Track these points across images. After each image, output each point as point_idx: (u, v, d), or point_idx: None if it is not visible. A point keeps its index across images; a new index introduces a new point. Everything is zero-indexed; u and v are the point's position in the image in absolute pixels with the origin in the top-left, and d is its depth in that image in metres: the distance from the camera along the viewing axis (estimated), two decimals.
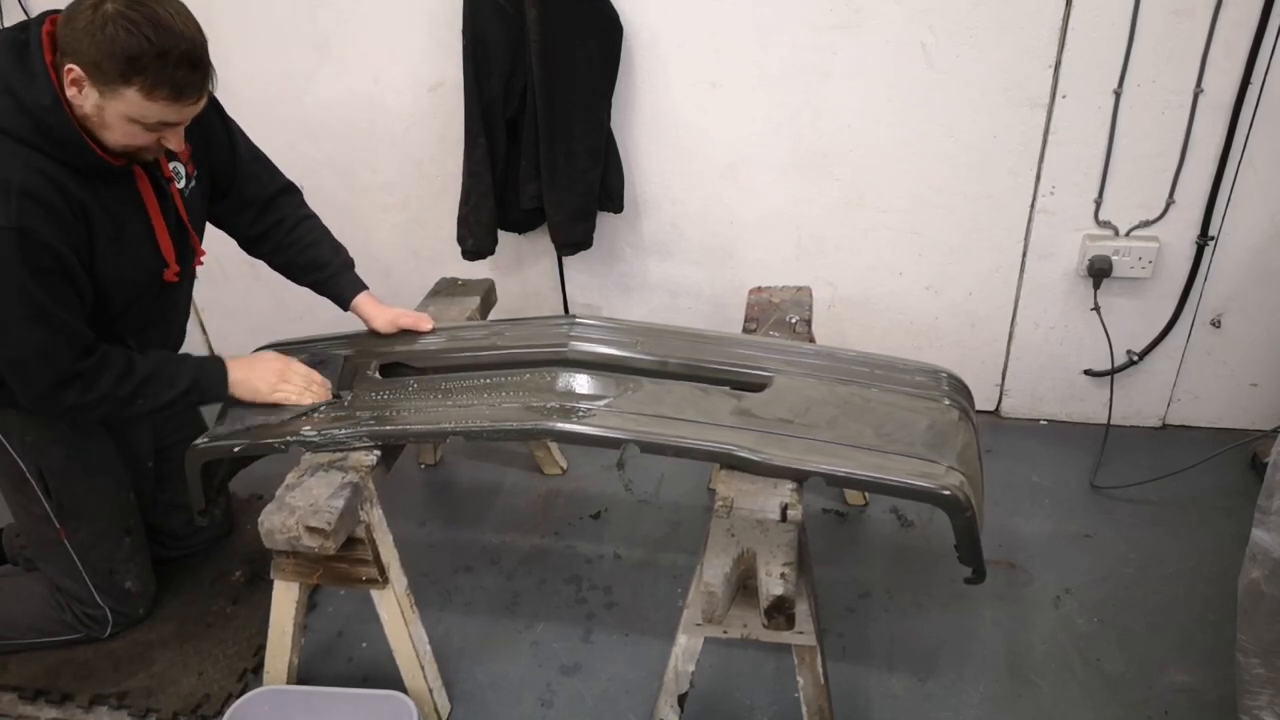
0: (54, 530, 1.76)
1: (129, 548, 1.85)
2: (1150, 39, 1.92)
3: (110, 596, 1.84)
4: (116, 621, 1.87)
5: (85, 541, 1.78)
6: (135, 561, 1.86)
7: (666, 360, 1.74)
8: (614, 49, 2.09)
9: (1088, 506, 2.15)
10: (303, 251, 1.85)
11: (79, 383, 1.53)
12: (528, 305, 2.55)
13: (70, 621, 1.84)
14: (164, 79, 1.36)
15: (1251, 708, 1.43)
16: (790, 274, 2.30)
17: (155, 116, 1.41)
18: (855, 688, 1.74)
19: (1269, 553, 1.33)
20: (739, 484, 1.48)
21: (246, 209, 1.81)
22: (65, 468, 1.73)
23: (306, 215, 1.87)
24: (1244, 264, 2.13)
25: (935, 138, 2.11)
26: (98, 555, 1.80)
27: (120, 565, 1.84)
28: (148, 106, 1.39)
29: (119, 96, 1.38)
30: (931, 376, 1.72)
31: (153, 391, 1.60)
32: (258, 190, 1.81)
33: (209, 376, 1.66)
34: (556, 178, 2.16)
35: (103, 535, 1.80)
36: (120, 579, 1.85)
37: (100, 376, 1.55)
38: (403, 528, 1.95)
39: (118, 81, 1.36)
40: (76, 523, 1.77)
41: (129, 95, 1.37)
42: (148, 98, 1.37)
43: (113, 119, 1.41)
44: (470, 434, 1.59)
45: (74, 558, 1.78)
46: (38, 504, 1.74)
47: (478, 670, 1.83)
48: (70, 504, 1.75)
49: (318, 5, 2.22)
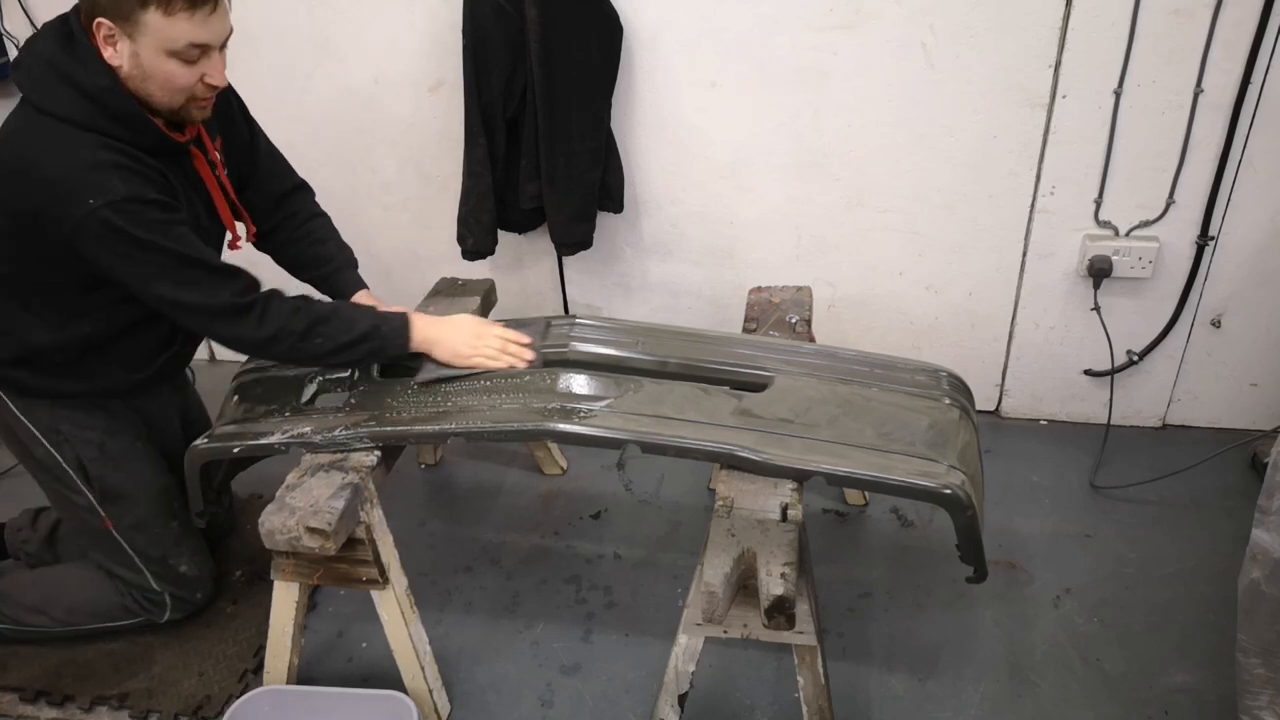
0: (99, 519, 1.76)
1: (177, 531, 1.83)
2: (1150, 39, 1.92)
3: (167, 581, 1.84)
4: (175, 606, 1.86)
5: (132, 527, 1.78)
6: (186, 545, 1.85)
7: (667, 360, 1.74)
8: (614, 49, 2.09)
9: (1088, 506, 2.16)
10: (309, 247, 1.87)
11: (249, 314, 1.56)
12: (528, 305, 2.55)
13: (131, 606, 1.85)
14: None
15: (1251, 708, 1.43)
16: (790, 274, 2.30)
17: (183, 37, 1.42)
18: (855, 688, 1.74)
19: (1269, 553, 1.33)
20: (739, 484, 1.48)
21: (261, 203, 1.83)
22: (102, 455, 1.73)
23: (318, 213, 1.90)
24: (1244, 264, 2.13)
25: (935, 138, 2.11)
26: (146, 540, 1.80)
27: (172, 549, 1.83)
28: (171, 25, 1.41)
29: (143, 29, 1.41)
30: (932, 376, 1.72)
31: (330, 332, 1.61)
32: (274, 186, 1.84)
33: (390, 325, 1.67)
34: (556, 178, 2.16)
35: (149, 520, 1.80)
36: (175, 563, 1.84)
37: (269, 308, 1.58)
38: (403, 528, 1.95)
39: (135, 9, 1.39)
40: (120, 509, 1.77)
41: (150, 21, 1.40)
42: (166, 13, 1.39)
43: (148, 60, 1.44)
44: (471, 435, 1.59)
45: (123, 545, 1.78)
46: (80, 494, 1.74)
47: (478, 670, 1.83)
48: (112, 490, 1.75)
49: (317, 4, 2.23)
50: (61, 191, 1.43)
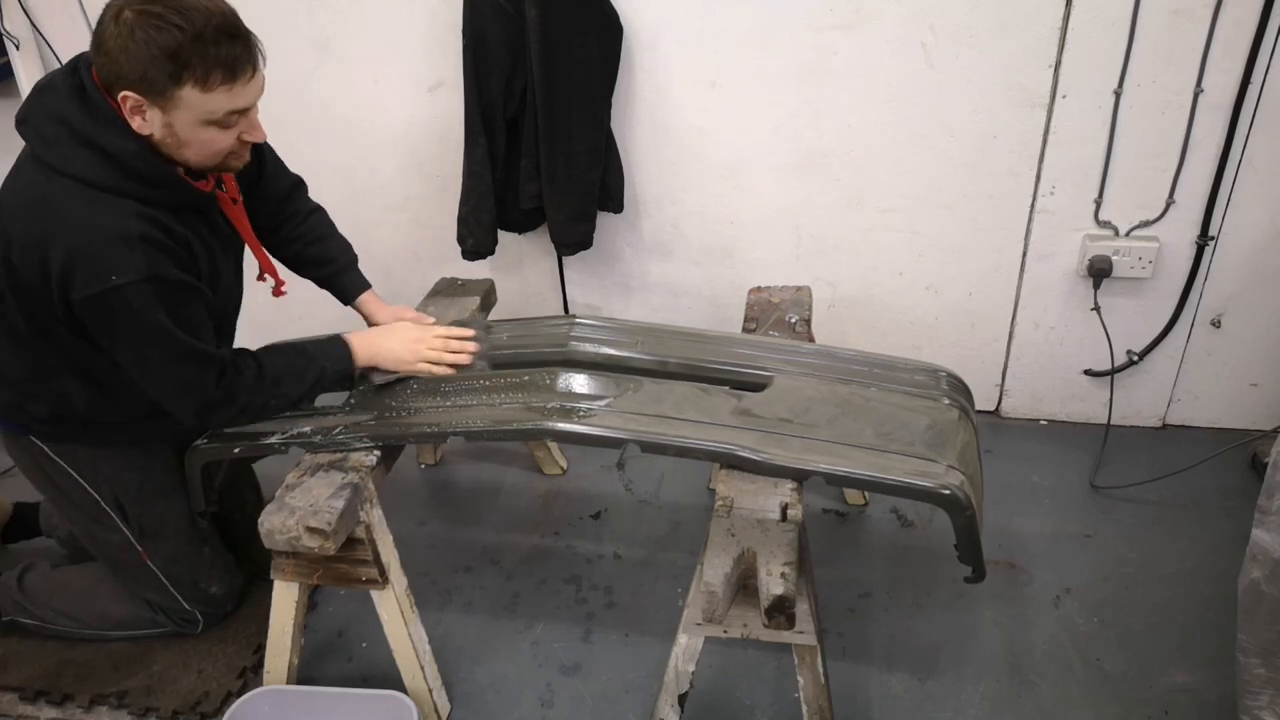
0: (136, 554, 1.76)
1: (209, 556, 1.84)
2: (1150, 39, 1.92)
3: (199, 602, 1.85)
4: (207, 620, 1.89)
5: (167, 558, 1.78)
6: (216, 567, 1.86)
7: (667, 360, 1.74)
8: (614, 49, 2.09)
9: (1088, 506, 2.15)
10: (310, 245, 1.86)
11: (223, 403, 1.55)
12: (528, 305, 2.55)
13: (161, 621, 1.86)
14: (211, 61, 1.32)
15: (1252, 708, 1.43)
16: (790, 274, 2.31)
17: (223, 107, 1.37)
18: (855, 688, 1.74)
19: (1269, 553, 1.33)
20: (739, 483, 1.48)
21: (266, 205, 1.80)
22: (140, 492, 1.73)
23: (315, 208, 1.89)
24: (1244, 264, 2.13)
25: (935, 138, 2.11)
26: (180, 569, 1.80)
27: (204, 574, 1.84)
28: (209, 99, 1.35)
29: (179, 103, 1.34)
30: (931, 376, 1.72)
31: (285, 391, 1.61)
32: (277, 185, 1.82)
33: (334, 360, 1.66)
34: (556, 178, 2.16)
35: (183, 550, 1.80)
36: (205, 586, 1.85)
37: (237, 391, 1.55)
38: (403, 528, 1.95)
39: (170, 85, 1.32)
40: (157, 543, 1.76)
41: (186, 95, 1.34)
42: (205, 90, 1.34)
43: (185, 131, 1.38)
44: (471, 434, 1.59)
45: (159, 575, 1.79)
46: (117, 532, 1.74)
47: (478, 670, 1.83)
48: (150, 526, 1.75)
49: (317, 4, 2.23)
50: (83, 260, 1.37)
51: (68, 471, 1.69)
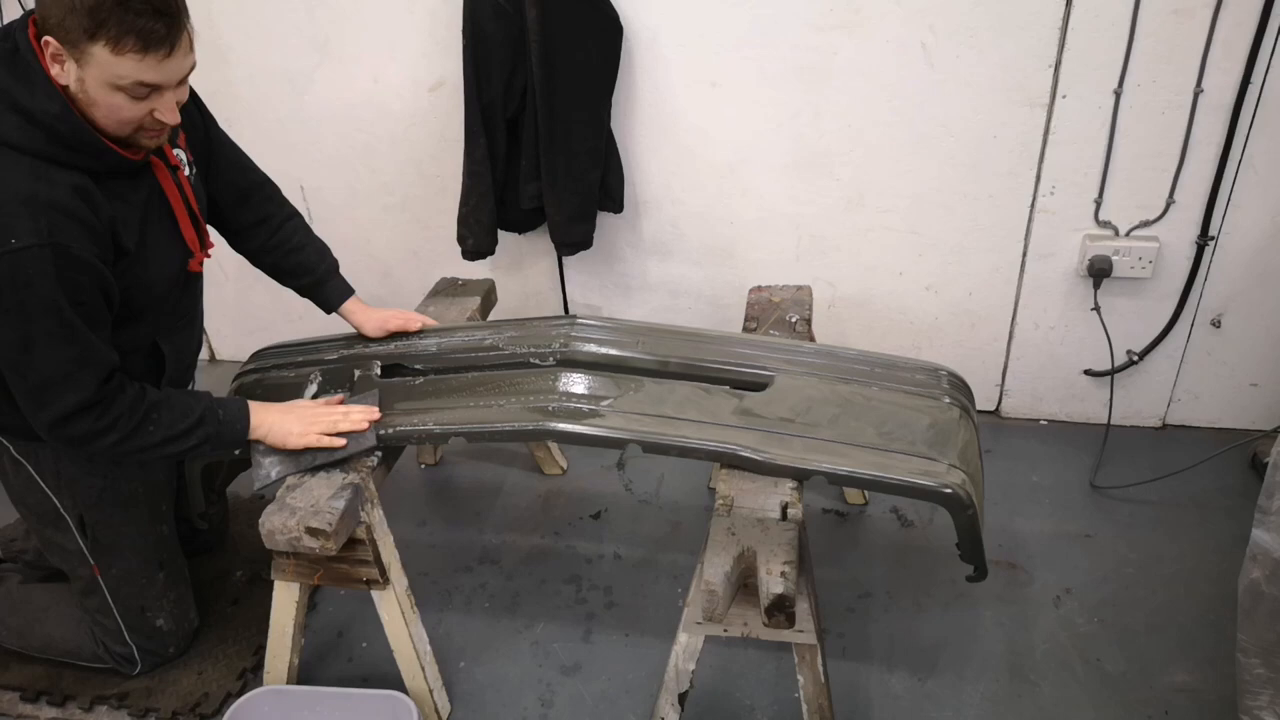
0: (88, 567, 1.70)
1: (162, 583, 1.77)
2: (1150, 39, 1.92)
3: (139, 634, 1.77)
4: (145, 661, 1.80)
5: (118, 577, 1.72)
6: (168, 598, 1.79)
7: (667, 360, 1.74)
8: (614, 49, 2.09)
9: (1088, 506, 2.15)
10: (288, 255, 1.82)
11: (97, 409, 1.45)
12: (528, 305, 2.55)
13: (102, 655, 1.79)
14: (128, 27, 1.28)
15: (1252, 708, 1.43)
16: (790, 274, 2.30)
17: (130, 75, 1.32)
18: (855, 687, 1.74)
19: (1269, 553, 1.33)
20: (739, 483, 1.48)
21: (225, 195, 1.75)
22: (100, 502, 1.67)
23: (290, 214, 1.84)
24: (1244, 264, 2.13)
25: (935, 138, 2.11)
26: (130, 591, 1.74)
27: (152, 602, 1.77)
28: (118, 63, 1.31)
29: (90, 59, 1.31)
30: (932, 375, 1.72)
31: (162, 419, 1.51)
32: (235, 177, 1.76)
33: (228, 409, 1.58)
34: (556, 178, 2.16)
35: (136, 571, 1.74)
36: (152, 616, 1.77)
37: (115, 403, 1.46)
38: (403, 528, 1.95)
39: (83, 39, 1.29)
40: (110, 559, 1.71)
41: (98, 53, 1.30)
42: (115, 52, 1.29)
43: (94, 89, 1.34)
44: (471, 435, 1.59)
45: (106, 595, 1.73)
46: (72, 540, 1.68)
47: (478, 670, 1.83)
48: (105, 539, 1.70)
49: (317, 4, 2.23)
50: None
51: (29, 473, 1.65)
